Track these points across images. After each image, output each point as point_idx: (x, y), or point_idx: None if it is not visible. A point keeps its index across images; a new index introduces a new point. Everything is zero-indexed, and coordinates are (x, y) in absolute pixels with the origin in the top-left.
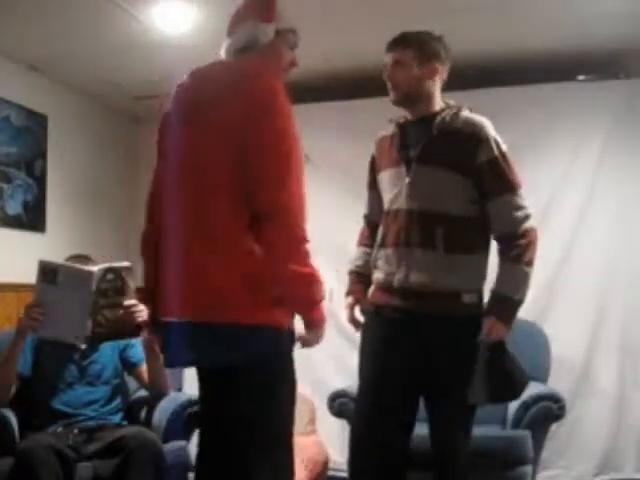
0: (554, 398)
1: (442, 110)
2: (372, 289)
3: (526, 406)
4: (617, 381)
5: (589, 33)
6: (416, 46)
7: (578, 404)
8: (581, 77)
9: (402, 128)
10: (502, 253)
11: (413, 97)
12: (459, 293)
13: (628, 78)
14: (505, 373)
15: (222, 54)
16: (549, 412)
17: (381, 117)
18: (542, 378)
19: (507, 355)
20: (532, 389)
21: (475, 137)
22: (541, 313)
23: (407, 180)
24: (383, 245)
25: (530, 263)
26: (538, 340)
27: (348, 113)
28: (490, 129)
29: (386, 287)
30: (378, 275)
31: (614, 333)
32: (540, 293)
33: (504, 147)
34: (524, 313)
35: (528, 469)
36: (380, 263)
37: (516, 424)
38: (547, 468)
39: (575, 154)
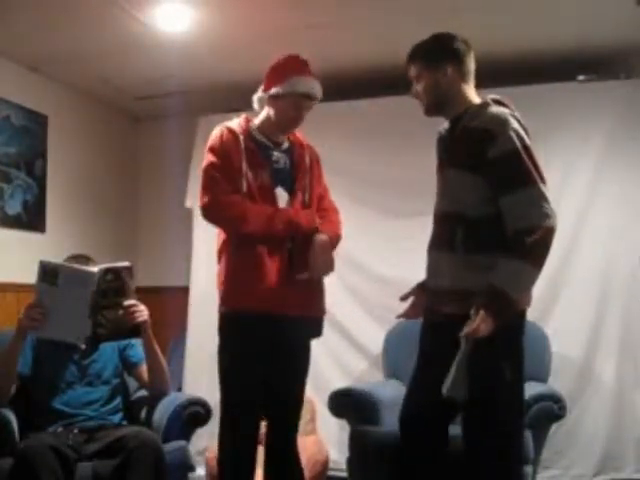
0: (554, 398)
1: (468, 109)
2: None
3: (526, 406)
4: (617, 381)
5: (589, 33)
6: (421, 56)
7: (578, 404)
8: (581, 77)
9: (442, 132)
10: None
11: (437, 104)
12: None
13: (628, 78)
14: (487, 371)
15: None
16: (549, 412)
17: (381, 117)
18: (542, 378)
19: (494, 352)
20: (532, 389)
21: (489, 133)
22: (541, 313)
23: (439, 184)
24: (427, 249)
25: (537, 264)
26: (538, 340)
27: (348, 113)
28: (508, 122)
29: (427, 290)
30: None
31: (614, 333)
32: (540, 293)
33: (523, 141)
34: None
35: (528, 469)
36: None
37: None
38: (547, 468)
39: (575, 154)
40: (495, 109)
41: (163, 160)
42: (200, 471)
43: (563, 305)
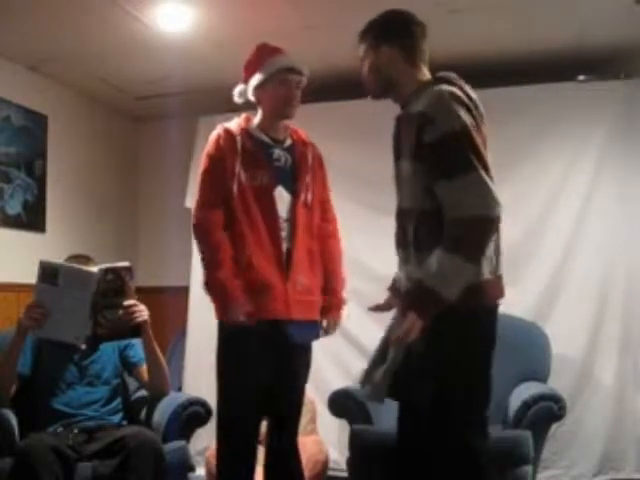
0: (555, 398)
1: (414, 93)
2: None
3: (527, 406)
4: (617, 381)
5: (589, 33)
6: (366, 37)
7: (578, 404)
8: (581, 77)
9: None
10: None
11: (380, 87)
12: None
13: (628, 78)
14: (415, 374)
15: None
16: (550, 412)
17: (381, 117)
18: (542, 378)
19: (424, 355)
20: (533, 389)
21: (426, 116)
22: (541, 313)
23: (394, 178)
24: None
25: (470, 257)
26: (538, 340)
27: (348, 113)
28: (445, 103)
29: None
30: None
31: (614, 333)
32: (540, 293)
33: (462, 123)
34: (524, 313)
35: (528, 469)
36: None
37: (517, 424)
38: (547, 468)
39: (575, 154)
40: (435, 89)
41: (163, 160)
42: (200, 471)
43: (563, 305)
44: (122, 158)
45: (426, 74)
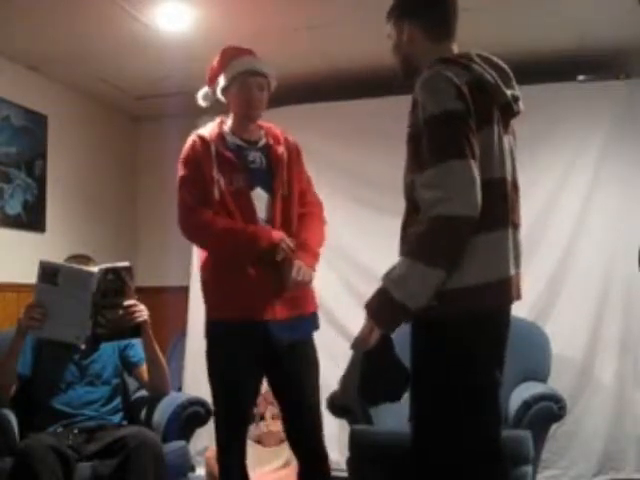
0: (555, 398)
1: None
2: None
3: (527, 406)
4: (617, 381)
5: (589, 33)
6: (391, 14)
7: (578, 404)
8: (581, 77)
9: None
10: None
11: (404, 69)
12: None
13: (628, 78)
14: (380, 374)
15: None
16: (550, 412)
17: (381, 117)
18: (542, 378)
19: (385, 355)
20: (533, 389)
21: (414, 102)
22: (541, 313)
23: None
24: None
25: (425, 259)
26: (538, 340)
27: (348, 113)
28: (429, 85)
29: None
30: None
31: (614, 333)
32: (540, 293)
33: (444, 106)
34: (524, 312)
35: (528, 469)
36: None
37: (517, 424)
38: (547, 468)
39: (575, 154)
40: (429, 72)
41: (163, 160)
42: (200, 471)
43: (563, 305)
44: (122, 158)
45: (450, 52)
